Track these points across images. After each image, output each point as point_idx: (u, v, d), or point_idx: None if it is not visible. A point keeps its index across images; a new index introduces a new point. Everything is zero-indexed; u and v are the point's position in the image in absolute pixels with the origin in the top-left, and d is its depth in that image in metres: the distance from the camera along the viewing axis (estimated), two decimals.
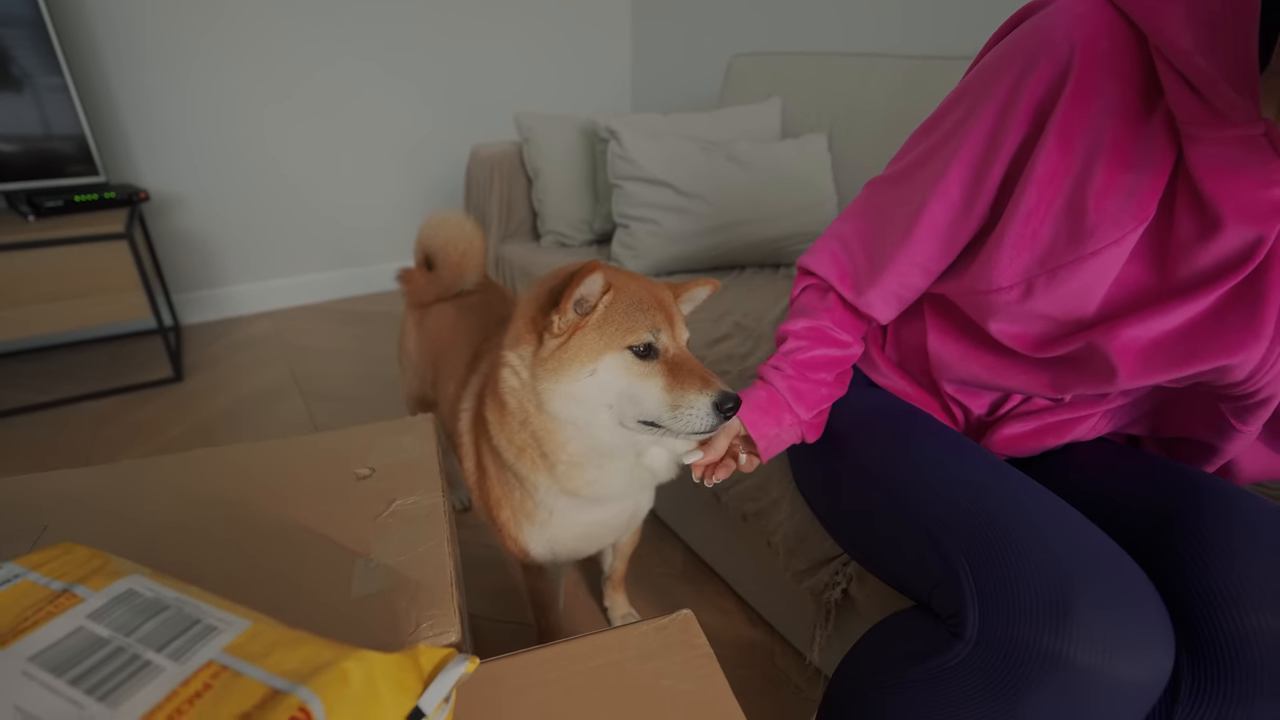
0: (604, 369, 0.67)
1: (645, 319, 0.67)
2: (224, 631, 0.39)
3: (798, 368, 0.72)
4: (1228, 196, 0.48)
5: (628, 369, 0.67)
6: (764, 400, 0.71)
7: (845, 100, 1.64)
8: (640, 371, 0.67)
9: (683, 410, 0.64)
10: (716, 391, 0.65)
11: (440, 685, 0.42)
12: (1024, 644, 0.48)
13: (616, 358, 0.67)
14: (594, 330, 0.67)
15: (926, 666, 0.54)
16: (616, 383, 0.67)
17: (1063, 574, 0.48)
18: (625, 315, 0.67)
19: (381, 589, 0.63)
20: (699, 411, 0.64)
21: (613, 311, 0.68)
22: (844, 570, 0.84)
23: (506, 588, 1.21)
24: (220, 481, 0.81)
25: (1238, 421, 0.58)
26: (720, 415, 0.64)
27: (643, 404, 0.66)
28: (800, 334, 0.73)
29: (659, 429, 0.67)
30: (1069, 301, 0.57)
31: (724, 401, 0.64)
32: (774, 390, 0.71)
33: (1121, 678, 0.46)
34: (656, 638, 0.58)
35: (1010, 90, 0.55)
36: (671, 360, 0.68)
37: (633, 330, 0.66)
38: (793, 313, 0.76)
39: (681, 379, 0.66)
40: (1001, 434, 0.70)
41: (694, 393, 0.65)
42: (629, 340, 0.66)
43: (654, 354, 0.67)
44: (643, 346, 0.67)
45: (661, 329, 0.68)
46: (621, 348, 0.66)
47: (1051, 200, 0.55)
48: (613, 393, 0.67)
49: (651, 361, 0.67)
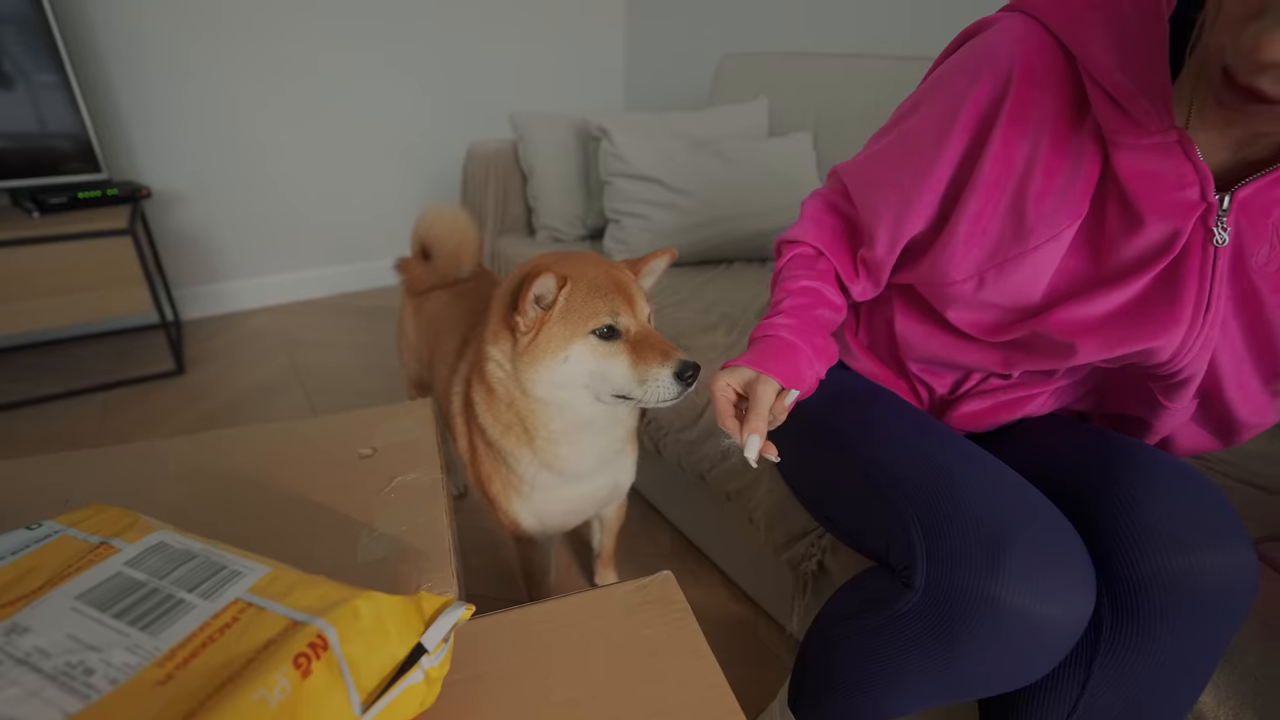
0: (574, 355, 0.73)
1: (604, 304, 0.73)
2: (247, 576, 0.44)
3: (794, 313, 0.72)
4: (1147, 196, 0.54)
5: (594, 351, 0.73)
6: (775, 349, 0.69)
7: (830, 100, 1.69)
8: (606, 352, 0.73)
9: (649, 384, 0.71)
10: (676, 362, 0.71)
11: (440, 626, 0.47)
12: (963, 589, 0.53)
13: (583, 343, 0.73)
14: (559, 322, 0.73)
15: (882, 614, 0.60)
16: (587, 365, 0.74)
17: (997, 528, 0.54)
18: (585, 303, 0.73)
19: (385, 555, 0.68)
20: (663, 383, 0.71)
21: (573, 302, 0.73)
22: (819, 543, 0.89)
23: (501, 569, 1.26)
24: (231, 460, 0.85)
25: (1165, 399, 0.63)
26: (683, 384, 0.71)
27: (612, 380, 0.73)
28: (799, 291, 0.74)
29: (631, 400, 0.74)
30: (1016, 291, 0.63)
31: (683, 370, 0.71)
32: (780, 339, 0.70)
33: (1047, 617, 0.52)
34: (638, 595, 0.63)
35: (955, 102, 0.61)
36: (634, 338, 0.74)
37: (594, 316, 0.72)
38: (788, 271, 0.77)
39: (644, 355, 0.72)
40: (961, 411, 0.76)
41: (656, 366, 0.71)
42: (592, 325, 0.72)
43: (617, 335, 0.73)
44: (605, 329, 0.73)
45: (621, 311, 0.74)
46: (586, 333, 0.73)
47: (997, 202, 0.61)
48: (585, 374, 0.74)
49: (615, 342, 0.74)
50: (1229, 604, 0.53)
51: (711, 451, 1.06)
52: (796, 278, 0.74)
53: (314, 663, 0.38)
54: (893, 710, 0.64)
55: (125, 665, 0.37)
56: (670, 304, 1.37)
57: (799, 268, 0.76)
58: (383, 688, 0.41)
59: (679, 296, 1.41)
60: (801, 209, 0.80)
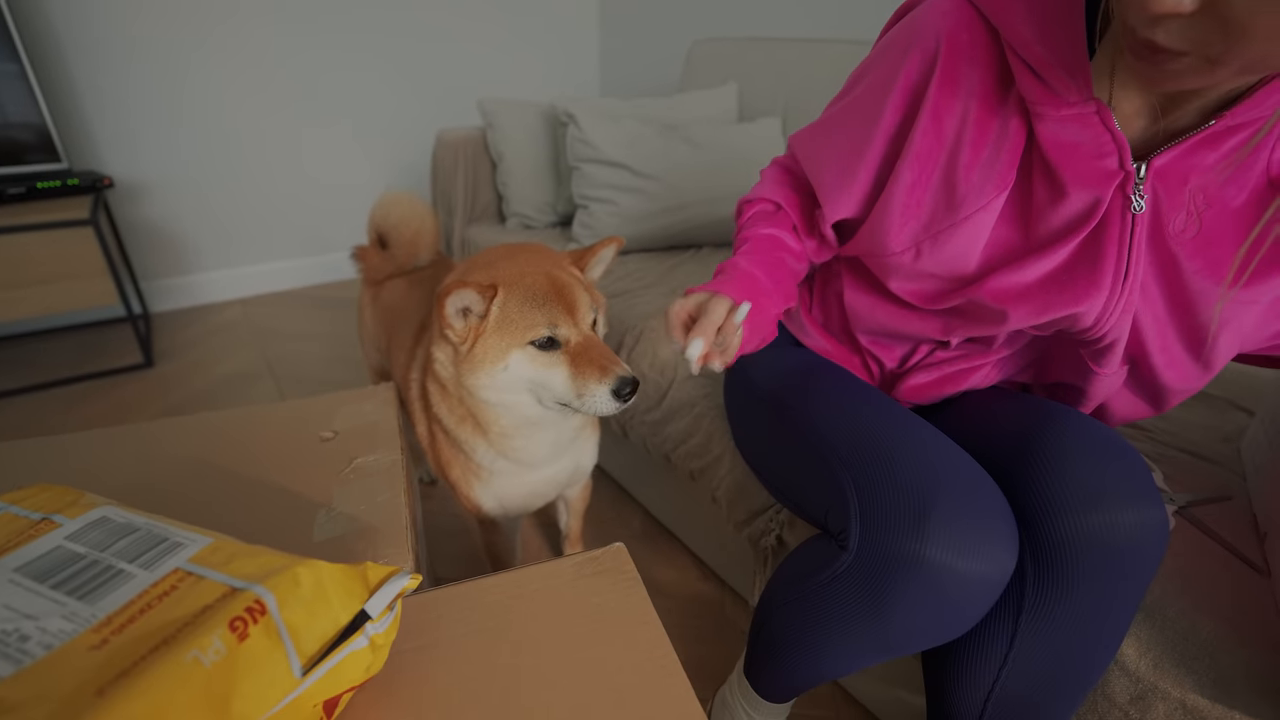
0: (514, 364, 0.73)
1: (542, 315, 0.72)
2: (188, 546, 0.45)
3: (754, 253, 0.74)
4: (1069, 166, 0.56)
5: (533, 361, 0.73)
6: (733, 277, 0.71)
7: (796, 84, 1.70)
8: (545, 362, 0.73)
9: (585, 398, 0.71)
10: (614, 379, 0.71)
11: (385, 593, 0.48)
12: (892, 549, 0.56)
13: (521, 353, 0.73)
14: (494, 333, 0.73)
15: (820, 577, 0.62)
16: (526, 374, 0.74)
17: (925, 490, 0.56)
18: (521, 313, 0.72)
19: (341, 534, 0.69)
20: (600, 399, 0.71)
21: (508, 311, 0.73)
22: (777, 518, 0.91)
23: (469, 553, 1.27)
24: (186, 445, 0.85)
25: (1094, 364, 0.66)
26: (620, 400, 0.71)
27: (553, 390, 0.73)
28: (759, 238, 0.76)
29: (570, 408, 0.74)
30: (951, 261, 0.65)
31: (621, 387, 0.71)
32: (739, 269, 0.72)
33: (970, 573, 0.54)
34: (590, 566, 0.64)
35: (888, 76, 0.63)
36: (575, 349, 0.73)
37: (531, 327, 0.72)
38: (749, 224, 0.78)
39: (583, 368, 0.72)
40: (908, 384, 0.78)
41: (594, 382, 0.71)
42: (529, 336, 0.72)
43: (556, 345, 0.73)
44: (544, 340, 0.72)
45: (560, 321, 0.73)
46: (524, 344, 0.72)
47: (930, 174, 0.63)
48: (525, 382, 0.74)
49: (554, 352, 0.73)
50: (1141, 558, 0.56)
51: (675, 432, 1.07)
52: (756, 227, 0.76)
53: (250, 626, 0.39)
54: (835, 669, 0.66)
55: (60, 631, 0.37)
56: (639, 288, 1.38)
57: (759, 221, 0.78)
58: (323, 652, 0.42)
59: (647, 280, 1.42)
60: (761, 175, 0.83)
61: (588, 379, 0.71)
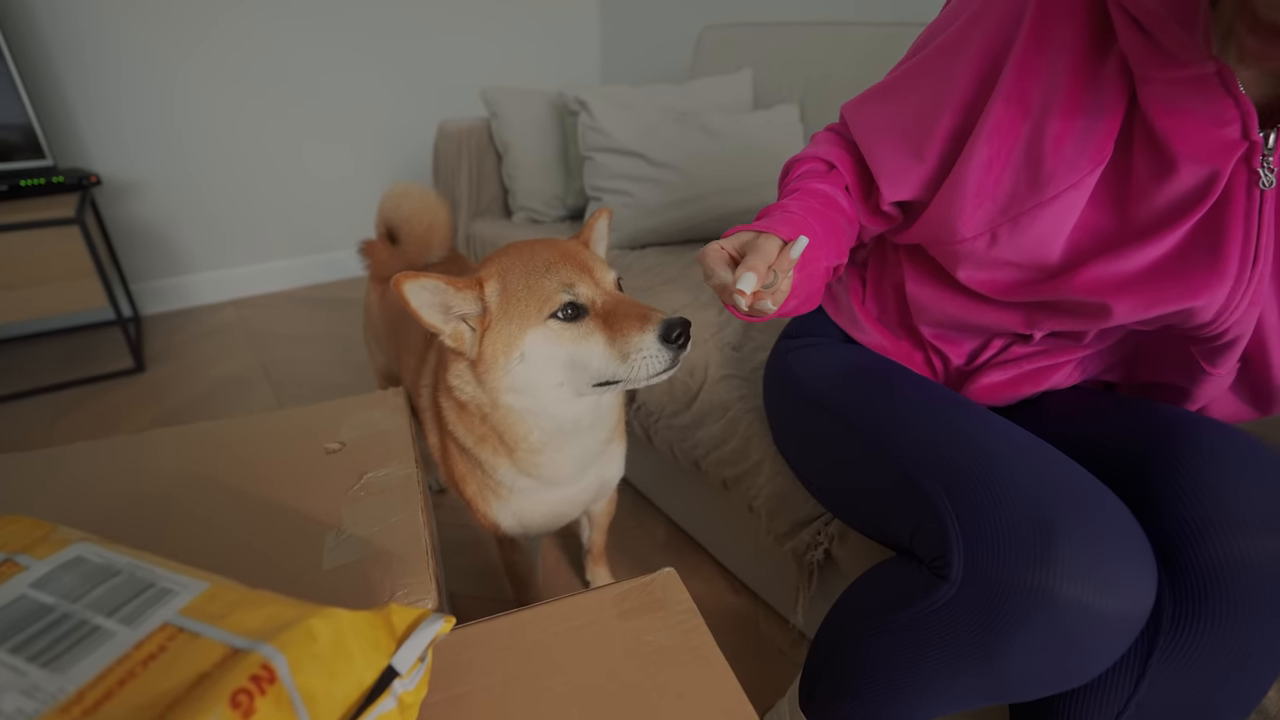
0: (532, 349, 0.63)
1: (553, 280, 0.62)
2: (179, 594, 0.37)
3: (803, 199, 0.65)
4: (1180, 136, 0.48)
5: (559, 338, 0.62)
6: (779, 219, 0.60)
7: (815, 70, 1.63)
8: (574, 335, 0.62)
9: (634, 358, 0.60)
10: (659, 324, 0.59)
11: (414, 644, 0.40)
12: (1009, 581, 0.47)
13: (540, 333, 0.62)
14: (502, 320, 0.63)
15: (913, 610, 0.54)
16: (554, 356, 0.63)
17: (1045, 510, 0.48)
18: (528, 289, 0.62)
19: (354, 560, 0.61)
20: (650, 352, 0.59)
21: (511, 293, 0.63)
22: (825, 530, 0.83)
23: (486, 566, 1.19)
24: (184, 459, 0.78)
25: (1208, 364, 0.58)
26: (673, 347, 0.60)
27: (590, 366, 0.62)
28: (808, 191, 0.66)
29: (617, 383, 0.63)
30: (1033, 248, 0.58)
31: (670, 330, 0.59)
32: (786, 211, 0.62)
33: (1107, 609, 0.46)
34: (639, 596, 0.57)
35: (962, 36, 0.56)
36: (604, 310, 0.63)
37: (546, 298, 0.62)
38: (797, 179, 0.69)
39: (619, 325, 0.61)
40: (980, 383, 0.70)
41: (636, 334, 0.59)
42: (547, 309, 0.61)
43: (583, 311, 0.62)
44: (566, 308, 0.62)
45: (577, 281, 0.63)
46: (542, 320, 0.62)
47: (1010, 148, 0.56)
48: (555, 368, 0.64)
49: (583, 320, 0.62)
50: None
51: (707, 437, 1.00)
52: (806, 181, 0.67)
53: (258, 699, 0.31)
54: (922, 715, 0.58)
55: (19, 713, 0.30)
56: (657, 284, 1.30)
57: (809, 178, 0.68)
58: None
59: (666, 275, 1.34)
60: (812, 138, 0.75)
61: (628, 333, 0.59)
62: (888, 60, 1.42)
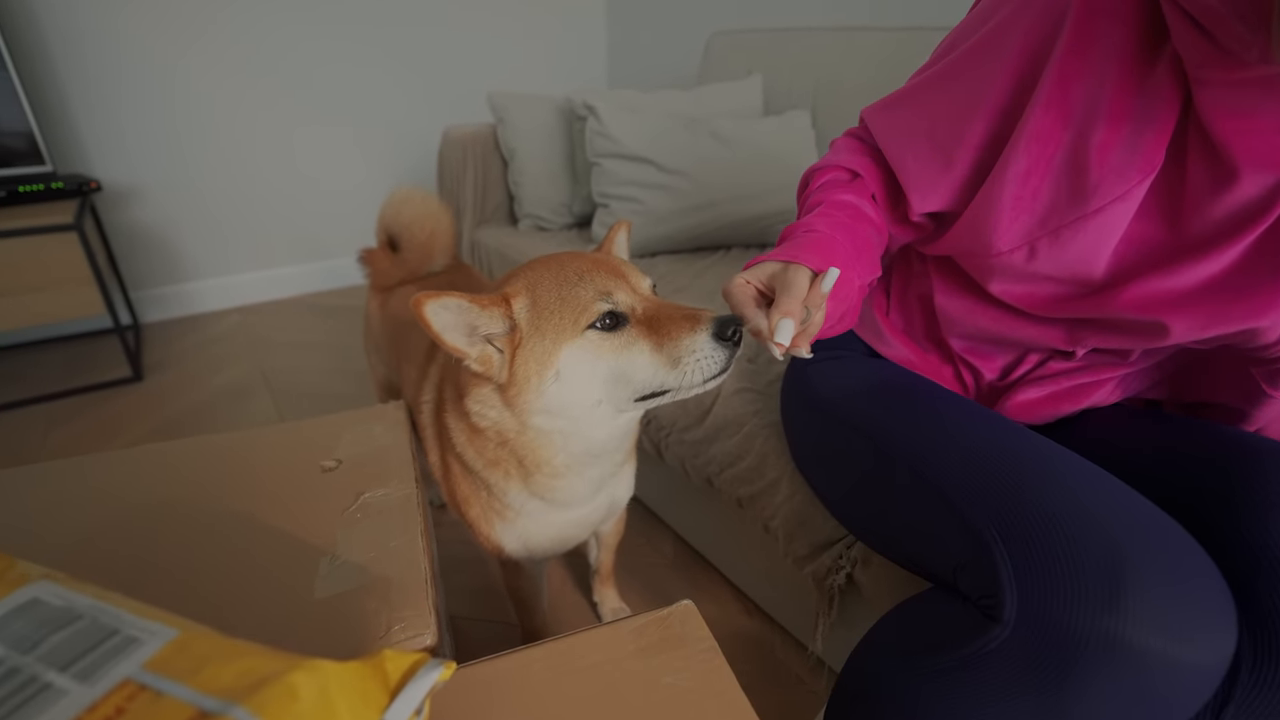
0: (568, 365, 0.58)
1: (589, 289, 0.58)
2: (145, 644, 0.33)
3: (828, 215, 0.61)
4: (1242, 142, 0.44)
5: (599, 351, 0.58)
6: (806, 243, 0.57)
7: (827, 75, 1.60)
8: (616, 345, 0.58)
9: (686, 362, 0.55)
10: (710, 322, 0.55)
11: (410, 695, 0.36)
12: (1071, 626, 0.43)
13: (577, 347, 0.58)
14: (534, 337, 0.58)
15: (960, 653, 0.49)
16: (594, 371, 0.58)
17: (1110, 546, 0.44)
18: (562, 301, 0.58)
19: (348, 589, 0.57)
20: (704, 353, 0.54)
21: (543, 306, 0.58)
22: (848, 554, 0.79)
23: (488, 586, 1.15)
24: (170, 477, 0.74)
25: (1270, 386, 0.54)
26: (729, 344, 0.55)
27: (636, 378, 0.58)
28: (834, 203, 0.63)
29: (665, 394, 0.59)
30: (1075, 262, 0.54)
31: (723, 328, 0.54)
32: (813, 232, 0.59)
33: (1184, 660, 0.41)
34: (655, 632, 0.52)
35: (999, 36, 0.52)
36: (645, 316, 0.58)
37: (583, 309, 0.57)
38: (819, 190, 0.66)
39: (667, 329, 0.56)
40: (1015, 400, 0.66)
41: (687, 336, 0.55)
42: (585, 320, 0.57)
43: (623, 320, 0.58)
44: (606, 318, 0.57)
45: (614, 289, 0.58)
46: (579, 332, 0.57)
47: (1051, 157, 0.52)
48: (595, 384, 0.59)
49: (623, 329, 0.58)
50: None
51: (721, 453, 0.96)
52: (830, 192, 0.63)
53: None
54: None
55: None
56: (668, 292, 1.26)
57: (832, 188, 0.64)
58: None
59: (677, 284, 1.30)
60: (831, 145, 0.71)
61: (678, 336, 0.55)
62: (900, 65, 1.38)
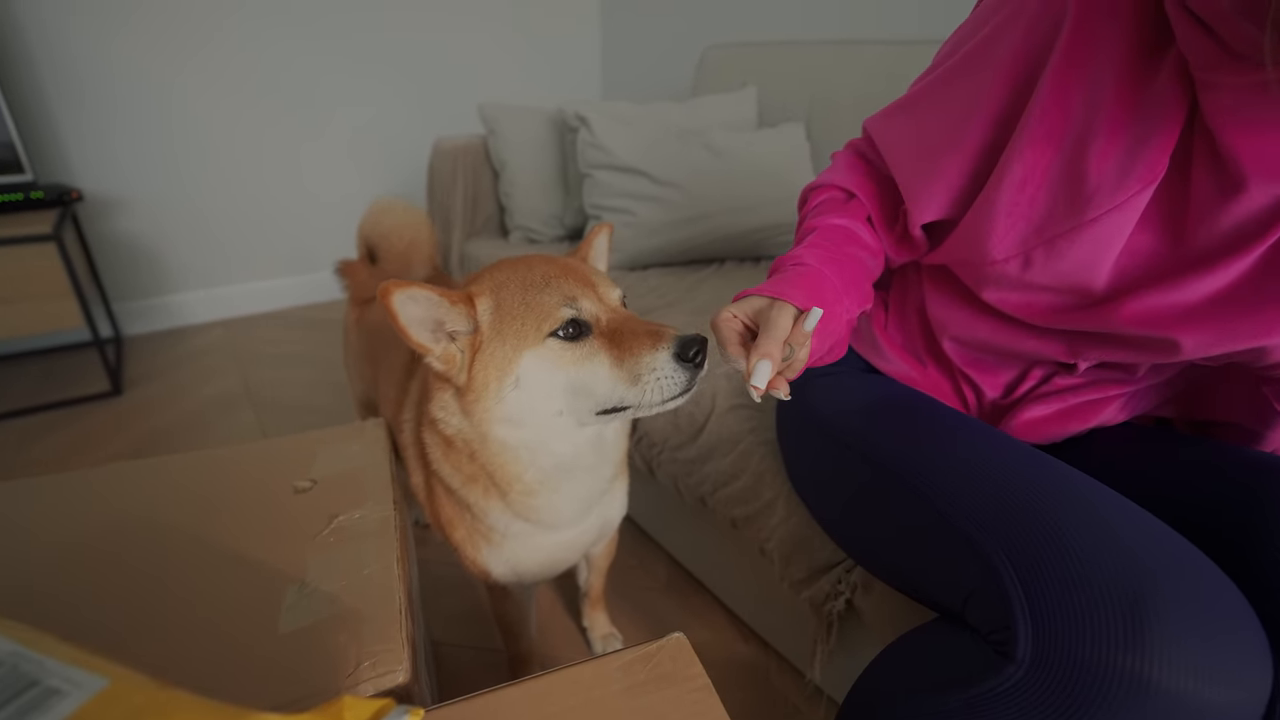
0: (528, 373, 0.56)
1: (553, 295, 0.56)
2: (68, 696, 0.29)
3: (820, 245, 0.61)
4: (1251, 150, 0.42)
5: (559, 360, 0.56)
6: (795, 276, 0.57)
7: (822, 89, 1.59)
8: (576, 356, 0.56)
9: (645, 379, 0.54)
10: (673, 341, 0.54)
11: None
12: (1092, 665, 0.40)
13: (537, 354, 0.56)
14: (494, 340, 0.57)
15: (970, 694, 0.45)
16: (553, 381, 0.57)
17: (1132, 577, 0.41)
18: (525, 305, 0.56)
19: (316, 620, 0.53)
20: (664, 373, 0.54)
21: (506, 310, 0.57)
22: (847, 578, 0.76)
23: (474, 608, 1.11)
24: (135, 498, 0.70)
25: None
26: (690, 366, 0.54)
27: (595, 391, 0.56)
28: (827, 228, 0.62)
29: (624, 410, 0.57)
30: (1073, 273, 0.52)
31: (685, 348, 0.54)
32: (803, 265, 0.58)
33: (1216, 702, 0.38)
34: (644, 668, 0.49)
35: (993, 41, 0.50)
36: (609, 328, 0.57)
37: (546, 314, 0.56)
38: (814, 212, 0.65)
39: (629, 345, 0.55)
40: (1020, 419, 0.63)
41: (648, 353, 0.54)
42: (547, 326, 0.55)
43: (586, 329, 0.57)
44: (568, 325, 0.56)
45: (580, 296, 0.57)
46: (541, 339, 0.56)
47: (1047, 164, 0.49)
48: (555, 394, 0.57)
49: (586, 340, 0.56)
50: None
51: (715, 472, 0.92)
52: (824, 215, 0.62)
53: None
54: None
55: None
56: (660, 306, 1.24)
57: (827, 209, 0.64)
58: None
59: (669, 298, 1.28)
60: (832, 158, 0.70)
61: (638, 352, 0.54)
62: (895, 78, 1.37)
